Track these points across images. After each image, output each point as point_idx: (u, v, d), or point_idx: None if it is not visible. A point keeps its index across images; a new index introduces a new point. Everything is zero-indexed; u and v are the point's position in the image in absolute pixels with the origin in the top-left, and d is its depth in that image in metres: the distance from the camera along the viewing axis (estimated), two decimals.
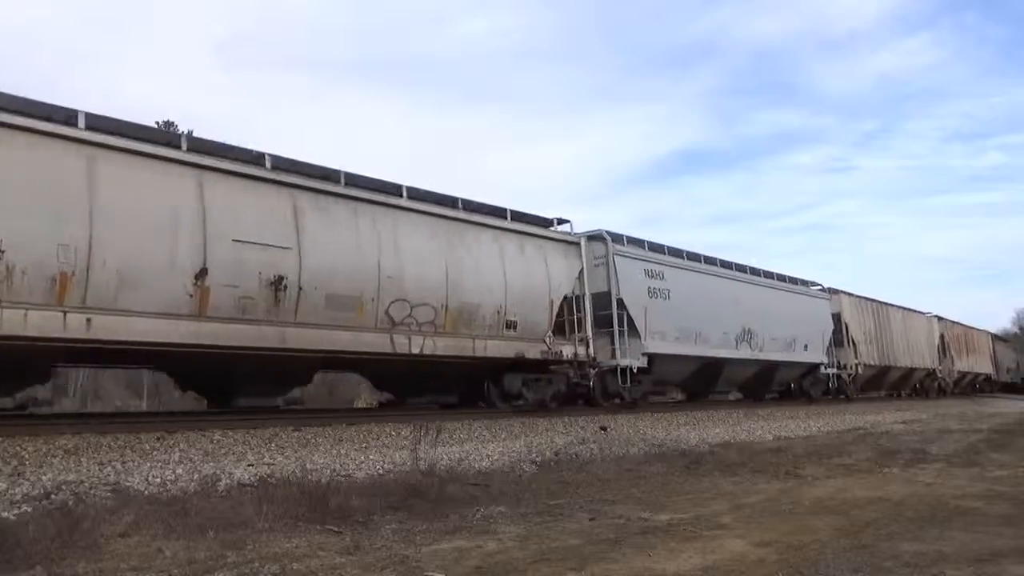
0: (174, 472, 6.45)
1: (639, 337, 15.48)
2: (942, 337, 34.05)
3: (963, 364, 36.99)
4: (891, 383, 29.97)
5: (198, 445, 7.82)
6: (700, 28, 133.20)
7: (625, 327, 15.15)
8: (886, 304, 28.70)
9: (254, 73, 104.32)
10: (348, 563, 4.05)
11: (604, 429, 11.73)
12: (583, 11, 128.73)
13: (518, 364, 12.88)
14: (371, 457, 7.91)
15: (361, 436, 9.35)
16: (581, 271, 14.38)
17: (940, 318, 34.64)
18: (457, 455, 8.25)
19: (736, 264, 19.93)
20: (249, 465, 6.97)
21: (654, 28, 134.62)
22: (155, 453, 7.31)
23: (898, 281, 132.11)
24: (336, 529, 4.88)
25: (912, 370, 30.29)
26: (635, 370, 15.18)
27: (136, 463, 6.77)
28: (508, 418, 12.20)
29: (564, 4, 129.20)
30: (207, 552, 4.16)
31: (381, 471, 7.26)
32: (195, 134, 11.03)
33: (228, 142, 10.01)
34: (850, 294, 25.89)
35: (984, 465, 9.08)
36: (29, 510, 5.00)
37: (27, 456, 6.70)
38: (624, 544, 4.62)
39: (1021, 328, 77.38)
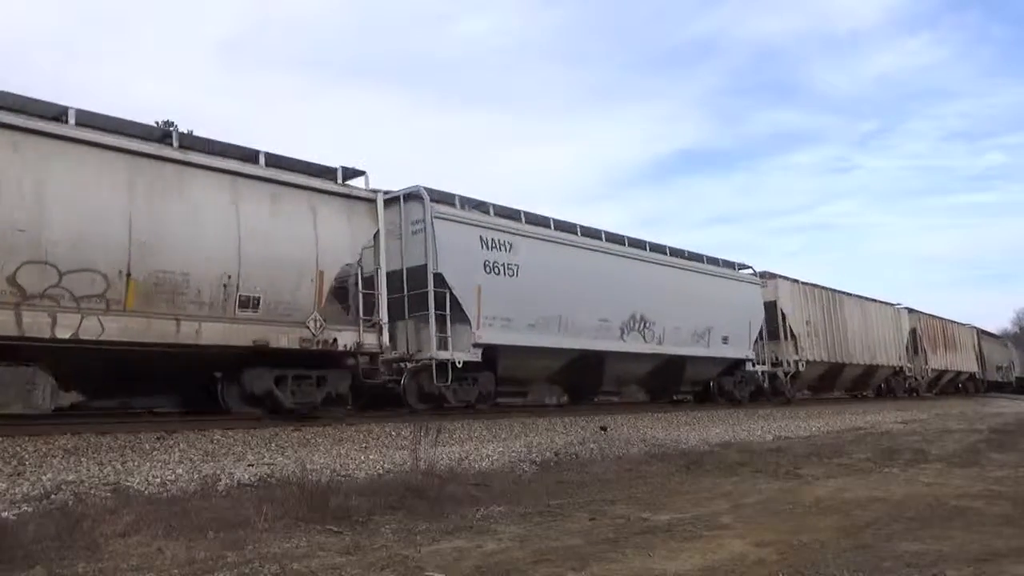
0: (174, 472, 6.46)
1: (469, 324, 12.20)
2: (913, 331, 30.83)
3: (940, 361, 33.61)
4: (846, 382, 26.82)
5: (198, 445, 7.82)
6: (701, 28, 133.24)
7: (448, 311, 11.97)
8: (839, 292, 25.22)
9: (254, 73, 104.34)
10: (348, 563, 4.04)
11: (604, 429, 11.74)
12: (583, 11, 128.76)
13: (268, 355, 9.74)
14: (371, 457, 7.91)
15: (361, 436, 9.36)
16: (376, 236, 11.08)
17: (911, 310, 31.31)
18: (457, 455, 8.25)
19: (629, 239, 16.49)
20: (249, 465, 6.98)
21: (654, 28, 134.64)
22: (155, 453, 7.32)
23: (898, 281, 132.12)
24: (336, 529, 4.88)
25: (873, 367, 26.86)
26: (459, 365, 11.97)
27: (136, 463, 6.77)
28: (508, 418, 12.20)
29: (564, 4, 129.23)
30: (207, 552, 4.16)
31: (381, 471, 7.26)
32: (195, 134, 10.98)
33: (226, 141, 9.99)
34: (790, 279, 22.55)
35: (984, 465, 9.08)
36: (29, 510, 5.00)
37: (27, 456, 6.71)
38: (624, 544, 4.61)
39: (1021, 328, 77.42)
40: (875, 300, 27.91)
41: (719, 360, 18.71)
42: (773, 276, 21.86)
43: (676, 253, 17.86)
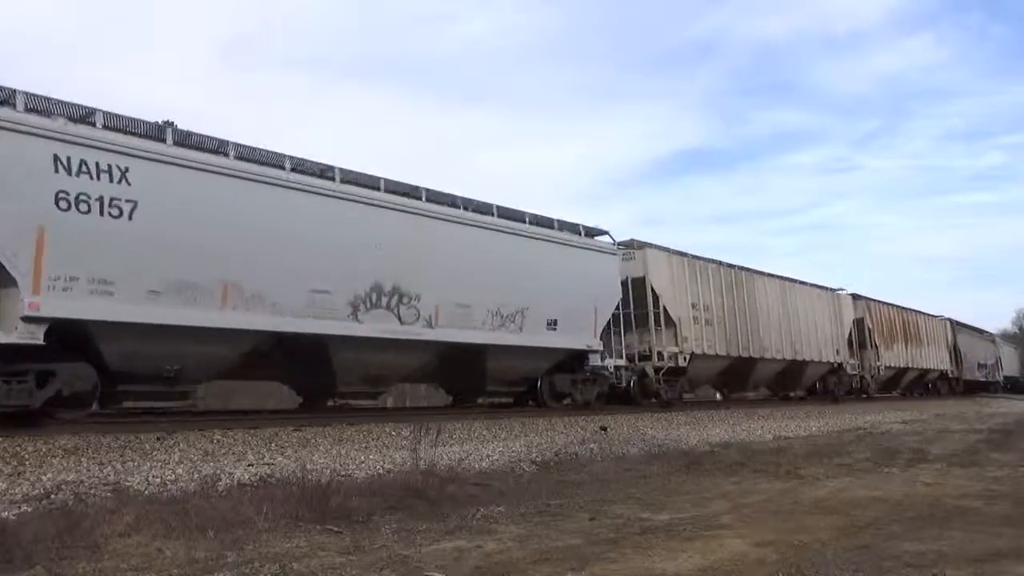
0: (174, 472, 6.46)
1: (15, 286, 7.97)
2: (860, 322, 26.18)
3: (898, 358, 28.80)
4: (762, 381, 22.14)
5: (198, 445, 7.82)
6: (701, 28, 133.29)
7: None
8: (751, 271, 20.66)
9: (255, 73, 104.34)
10: (348, 563, 4.05)
11: (604, 429, 11.75)
12: (583, 11, 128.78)
13: None
14: (371, 457, 7.92)
15: (361, 436, 9.36)
16: None
17: (858, 296, 26.73)
18: (457, 455, 8.26)
19: (390, 183, 11.74)
20: (249, 465, 6.98)
21: (655, 28, 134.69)
22: (155, 453, 7.31)
23: (898, 281, 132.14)
24: (336, 529, 4.88)
25: (800, 364, 22.09)
26: None
27: (136, 463, 6.77)
28: (508, 418, 12.20)
29: (564, 3, 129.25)
30: (207, 552, 4.16)
31: (381, 471, 7.26)
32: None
33: (227, 139, 9.98)
34: (668, 250, 17.78)
35: (984, 465, 9.08)
36: (29, 510, 5.00)
37: (27, 456, 6.70)
38: (624, 544, 4.62)
39: (1021, 328, 77.42)
40: (804, 283, 23.25)
41: (543, 351, 13.78)
42: (642, 245, 17.13)
43: (477, 208, 13.05)
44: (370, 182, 11.50)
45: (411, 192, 12.10)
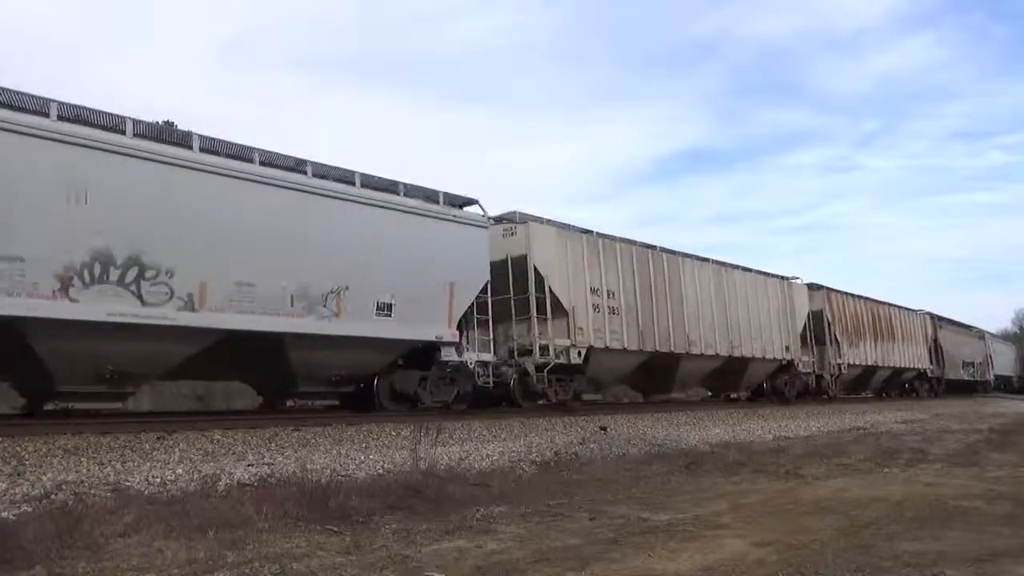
0: (174, 472, 6.46)
1: None
2: (819, 315, 23.28)
3: (865, 355, 25.77)
4: (691, 380, 19.43)
5: (198, 445, 7.82)
6: (702, 27, 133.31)
7: None
8: (674, 253, 17.70)
9: (254, 73, 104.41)
10: (348, 563, 4.05)
11: (604, 429, 11.75)
12: (584, 10, 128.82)
13: None
14: (371, 457, 7.92)
15: (361, 436, 9.36)
16: None
17: (817, 286, 23.82)
18: (457, 455, 8.26)
19: (136, 123, 9.13)
20: (249, 465, 6.98)
21: (656, 27, 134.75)
22: (155, 453, 7.31)
23: (898, 281, 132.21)
24: (336, 529, 4.88)
25: (739, 361, 19.21)
26: None
27: (136, 463, 6.78)
28: (508, 418, 12.19)
29: (565, 3, 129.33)
30: (207, 552, 4.16)
31: (381, 471, 7.26)
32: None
33: (227, 139, 9.96)
34: (562, 225, 15.05)
35: (984, 465, 9.09)
36: (29, 510, 5.01)
37: (27, 456, 6.71)
38: (624, 544, 4.62)
39: (1021, 328, 77.39)
40: (748, 269, 20.39)
41: (373, 343, 10.93)
42: (525, 219, 14.42)
43: (279, 163, 10.44)
44: (104, 121, 8.92)
45: (177, 139, 9.60)
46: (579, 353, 14.31)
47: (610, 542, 4.68)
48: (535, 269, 13.87)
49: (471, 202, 12.94)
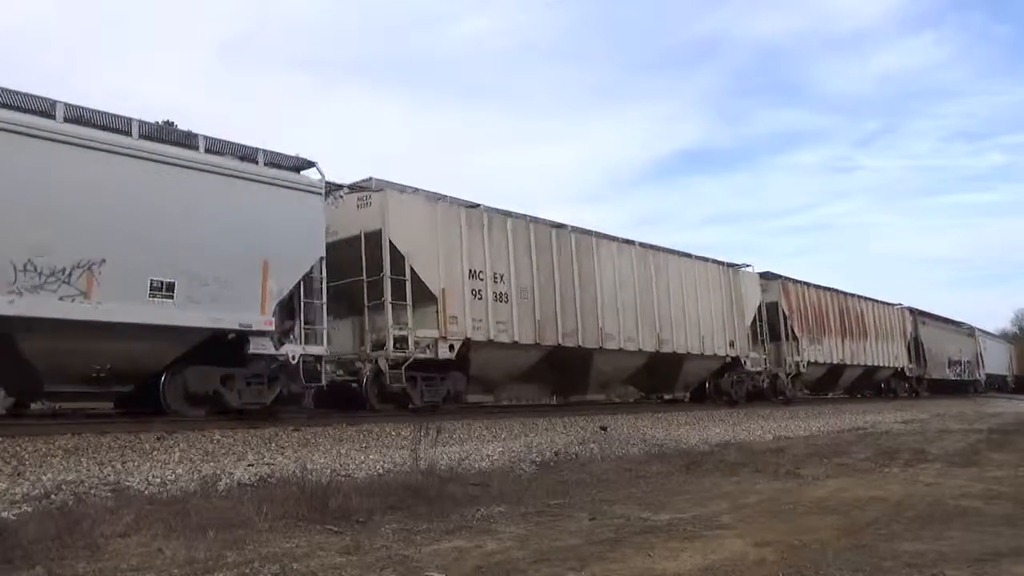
0: (174, 472, 6.46)
1: None
2: (772, 307, 21.04)
3: (831, 352, 23.46)
4: (609, 380, 16.78)
5: (198, 445, 7.83)
6: (702, 27, 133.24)
7: None
8: (582, 231, 15.29)
9: (254, 73, 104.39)
10: (348, 563, 4.05)
11: (604, 429, 11.75)
12: (584, 10, 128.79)
13: None
14: (371, 457, 7.92)
15: (361, 436, 9.36)
16: None
17: (771, 275, 21.53)
18: (457, 455, 8.26)
19: None
20: (249, 465, 6.98)
21: (656, 27, 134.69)
22: (155, 453, 7.32)
23: (899, 281, 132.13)
24: (336, 529, 4.88)
25: (670, 358, 16.88)
26: None
27: (136, 463, 6.78)
28: (508, 418, 12.19)
29: (565, 3, 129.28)
30: (207, 552, 4.16)
31: (381, 471, 7.27)
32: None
33: (227, 140, 9.97)
34: (429, 195, 12.87)
35: (984, 465, 9.09)
36: (29, 510, 5.00)
37: (27, 456, 6.71)
38: (624, 544, 4.62)
39: (1021, 328, 77.34)
40: (684, 254, 18.09)
41: (151, 331, 8.87)
42: (382, 186, 12.24)
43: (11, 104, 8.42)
44: None
45: None
46: (451, 347, 12.08)
47: (610, 542, 4.68)
48: (391, 245, 11.71)
49: (307, 165, 10.79)
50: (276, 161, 10.46)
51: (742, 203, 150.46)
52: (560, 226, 14.95)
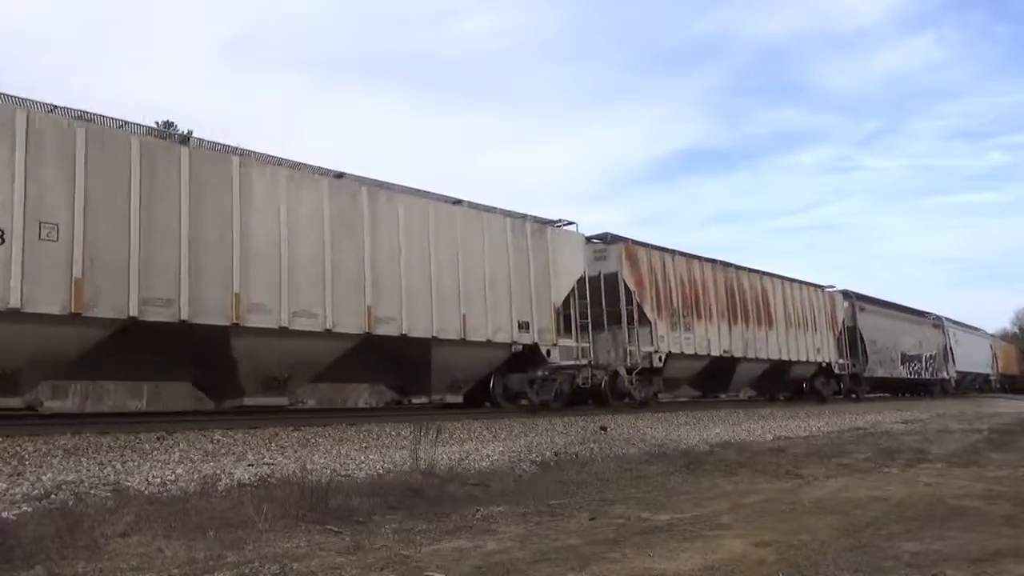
0: (174, 472, 6.46)
1: None
2: (610, 281, 15.99)
3: (707, 341, 18.11)
4: (254, 373, 10.07)
5: (198, 445, 7.83)
6: (703, 27, 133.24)
7: None
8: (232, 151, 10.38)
9: (255, 73, 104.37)
10: (348, 563, 4.04)
11: (604, 429, 11.75)
12: (585, 10, 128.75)
13: None
14: (371, 457, 7.92)
15: (361, 436, 9.36)
16: None
17: (612, 238, 16.85)
18: (457, 455, 8.26)
19: None
20: (249, 465, 6.98)
21: (656, 27, 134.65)
22: (155, 453, 7.32)
23: (899, 281, 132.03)
24: (336, 529, 4.88)
25: (418, 346, 11.83)
26: None
27: (136, 463, 6.78)
28: (508, 418, 12.19)
29: (566, 3, 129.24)
30: (207, 552, 4.16)
31: (381, 471, 7.26)
32: (195, 134, 10.87)
33: (227, 142, 9.87)
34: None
35: (984, 465, 9.08)
36: (29, 510, 5.00)
37: (27, 456, 6.71)
38: (624, 544, 4.61)
39: (1021, 328, 77.34)
40: (428, 195, 12.72)
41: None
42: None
43: None
44: None
45: None
46: None
47: (610, 542, 4.67)
48: None
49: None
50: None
51: (742, 203, 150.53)
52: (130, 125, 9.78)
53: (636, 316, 16.33)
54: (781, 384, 22.77)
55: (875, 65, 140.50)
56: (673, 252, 18.25)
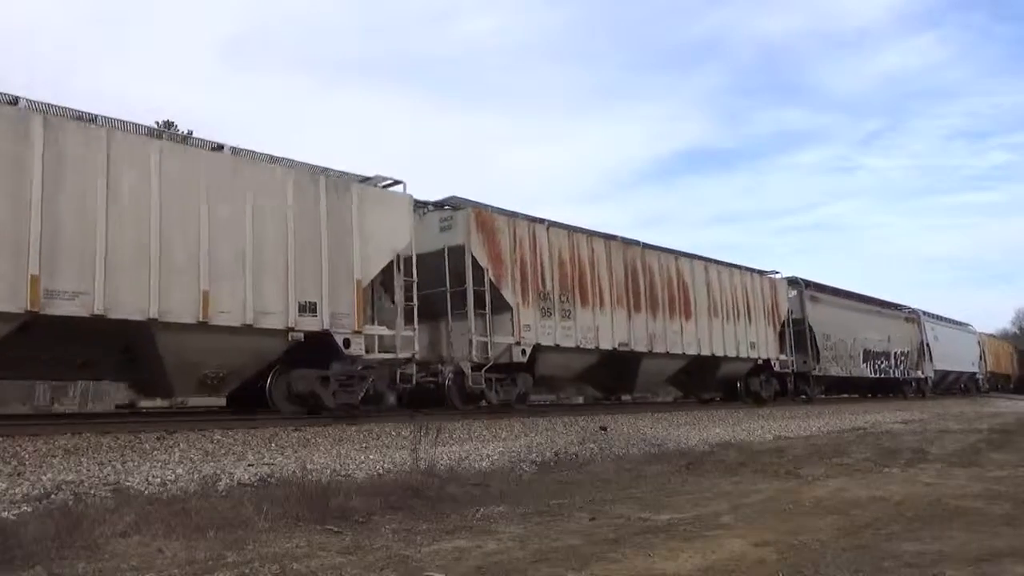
0: (174, 472, 6.46)
1: None
2: (455, 255, 12.94)
3: (595, 332, 14.80)
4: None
5: (198, 445, 7.83)
6: (704, 27, 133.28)
7: None
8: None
9: (256, 73, 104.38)
10: (348, 563, 4.04)
11: (604, 429, 11.75)
12: (586, 10, 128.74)
13: None
14: (371, 457, 7.92)
15: (361, 436, 9.36)
16: None
17: (459, 202, 13.70)
18: (457, 455, 8.26)
19: None
20: (249, 465, 6.98)
21: (657, 27, 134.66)
22: (155, 453, 7.32)
23: (899, 281, 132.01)
24: (336, 529, 4.88)
25: (142, 331, 8.83)
26: None
27: (136, 463, 6.78)
28: (508, 418, 12.19)
29: (566, 3, 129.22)
30: (207, 552, 4.16)
31: (381, 471, 7.26)
32: (195, 134, 10.85)
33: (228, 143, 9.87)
34: None
35: (984, 465, 9.08)
36: (29, 510, 5.00)
37: (27, 456, 6.71)
38: (624, 544, 4.61)
39: (1021, 328, 77.35)
40: (135, 126, 9.54)
41: None
42: None
43: None
44: None
45: None
46: None
47: (610, 542, 4.67)
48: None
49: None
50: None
51: (742, 203, 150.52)
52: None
53: (490, 300, 13.05)
54: (710, 383, 19.58)
55: (876, 65, 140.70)
56: (548, 223, 14.69)
